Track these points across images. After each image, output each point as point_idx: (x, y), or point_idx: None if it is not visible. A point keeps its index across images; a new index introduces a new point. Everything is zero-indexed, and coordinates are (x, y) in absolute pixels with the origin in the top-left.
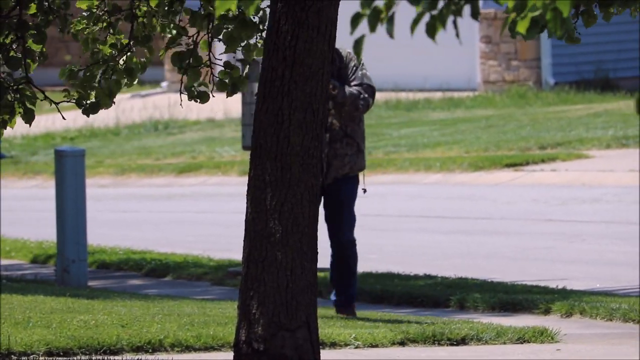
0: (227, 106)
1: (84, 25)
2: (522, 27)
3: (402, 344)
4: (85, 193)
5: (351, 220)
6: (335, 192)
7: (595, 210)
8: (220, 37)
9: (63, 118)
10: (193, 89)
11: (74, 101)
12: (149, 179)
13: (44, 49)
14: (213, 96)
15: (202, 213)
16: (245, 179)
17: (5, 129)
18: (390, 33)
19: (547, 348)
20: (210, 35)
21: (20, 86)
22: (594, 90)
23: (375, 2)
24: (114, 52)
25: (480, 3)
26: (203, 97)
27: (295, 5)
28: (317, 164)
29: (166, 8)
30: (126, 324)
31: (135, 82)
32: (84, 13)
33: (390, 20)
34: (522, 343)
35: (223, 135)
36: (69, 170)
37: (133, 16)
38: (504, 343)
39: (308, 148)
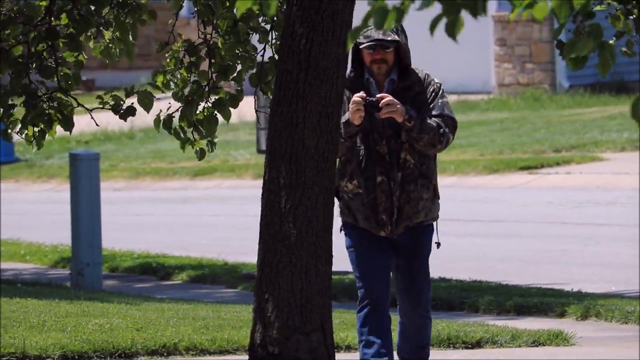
0: (242, 109)
1: (172, 68)
2: (538, 12)
3: None
4: (100, 196)
5: (427, 284)
6: (406, 245)
7: (610, 213)
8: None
9: (97, 124)
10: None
11: (110, 107)
12: (164, 183)
13: (81, 58)
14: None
15: (216, 216)
16: (260, 182)
17: (45, 139)
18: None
19: (562, 351)
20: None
21: (54, 94)
22: (609, 93)
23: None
24: (199, 89)
25: (495, 5)
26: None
27: (310, 8)
28: (332, 167)
29: (229, 29)
30: (141, 327)
31: (231, 115)
32: (167, 59)
33: (399, 18)
34: (537, 346)
35: (237, 138)
36: (83, 174)
37: (210, 50)
38: (519, 346)
39: (322, 151)
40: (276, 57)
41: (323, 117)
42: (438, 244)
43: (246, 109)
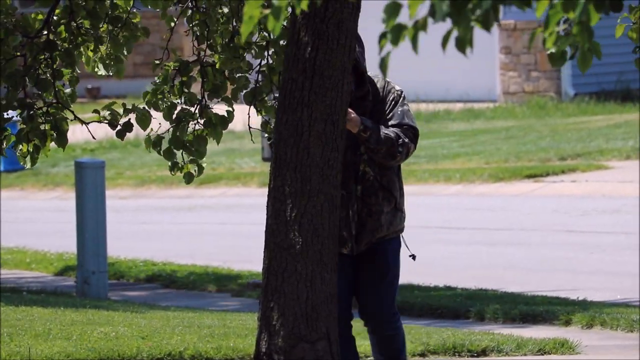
0: (247, 118)
1: (163, 89)
2: (549, 42)
3: (422, 355)
4: (105, 205)
5: (392, 291)
6: (371, 259)
7: (616, 221)
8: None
9: (93, 138)
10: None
11: (107, 122)
12: (169, 191)
13: (75, 74)
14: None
15: (222, 224)
16: (265, 190)
17: (38, 154)
18: (414, 50)
19: None
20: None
21: (49, 109)
22: (614, 101)
23: (398, 18)
24: (191, 108)
25: (501, 14)
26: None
27: (315, 17)
28: (337, 175)
29: (227, 42)
30: (146, 335)
31: (221, 136)
32: (156, 79)
33: (415, 39)
34: (542, 355)
35: (243, 146)
36: (89, 182)
37: (203, 68)
38: (525, 355)
39: (328, 159)
40: (269, 74)
41: (328, 125)
42: (413, 257)
43: (251, 117)
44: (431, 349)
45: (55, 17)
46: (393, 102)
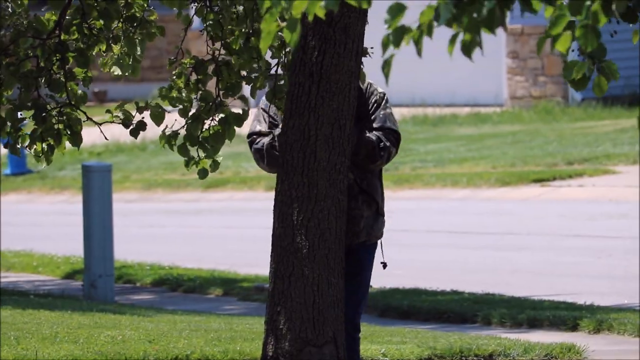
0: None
1: (179, 86)
2: (562, 45)
3: (429, 359)
4: (112, 208)
5: (362, 299)
6: (347, 263)
7: (623, 225)
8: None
9: (106, 138)
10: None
11: (120, 122)
12: (176, 194)
13: (89, 73)
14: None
15: (229, 228)
16: (272, 194)
17: (53, 154)
18: (419, 53)
19: None
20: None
21: (63, 109)
22: (621, 106)
23: (401, 19)
24: (205, 106)
25: (508, 18)
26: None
27: (322, 21)
28: (344, 179)
29: (242, 45)
30: (153, 339)
31: (235, 134)
32: (174, 77)
33: (419, 42)
34: (549, 359)
35: (249, 150)
36: (95, 186)
37: (217, 67)
38: (532, 359)
39: (335, 163)
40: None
41: (335, 129)
42: (384, 265)
43: None
44: (438, 353)
45: (68, 17)
46: (375, 105)
